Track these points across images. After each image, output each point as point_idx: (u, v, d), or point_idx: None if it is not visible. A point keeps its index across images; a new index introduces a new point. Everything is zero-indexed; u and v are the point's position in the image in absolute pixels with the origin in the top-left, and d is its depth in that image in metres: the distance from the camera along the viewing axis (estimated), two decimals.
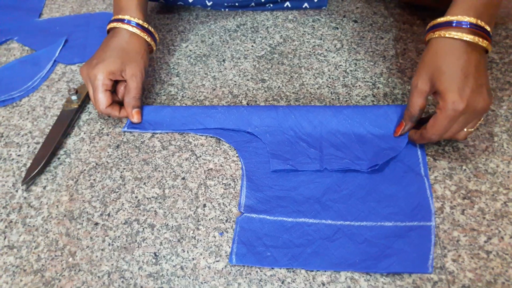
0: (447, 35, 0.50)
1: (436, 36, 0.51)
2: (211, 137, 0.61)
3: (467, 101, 0.48)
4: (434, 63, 0.50)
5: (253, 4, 0.80)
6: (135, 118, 0.61)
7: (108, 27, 0.64)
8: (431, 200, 0.51)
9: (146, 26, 0.63)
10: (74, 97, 0.65)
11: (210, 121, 0.61)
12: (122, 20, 0.62)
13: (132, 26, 0.62)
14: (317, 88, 0.66)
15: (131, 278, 0.47)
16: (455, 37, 0.49)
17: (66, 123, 0.62)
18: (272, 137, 0.59)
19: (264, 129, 0.59)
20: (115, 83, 0.61)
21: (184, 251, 0.49)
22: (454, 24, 0.50)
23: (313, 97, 0.65)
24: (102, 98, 0.59)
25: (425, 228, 0.49)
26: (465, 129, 0.52)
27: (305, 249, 0.48)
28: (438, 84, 0.49)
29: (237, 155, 0.58)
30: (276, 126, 0.60)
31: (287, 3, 0.81)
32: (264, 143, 0.58)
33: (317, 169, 0.55)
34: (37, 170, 0.57)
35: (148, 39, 0.63)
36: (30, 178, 0.56)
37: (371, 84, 0.67)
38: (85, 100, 0.67)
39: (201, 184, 0.56)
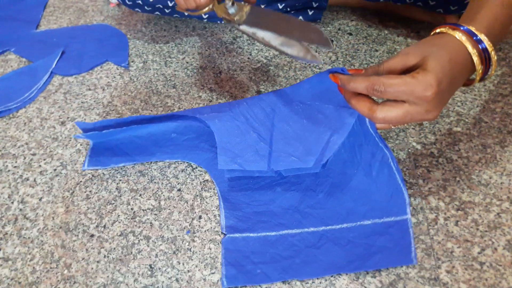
0: (454, 34, 0.46)
1: (444, 31, 0.47)
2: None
3: (435, 94, 0.43)
4: (434, 46, 0.46)
5: None
6: None
7: None
8: (404, 188, 0.52)
9: None
10: (231, 10, 0.56)
11: (162, 118, 0.60)
12: None
13: None
14: None
15: None
16: (459, 38, 0.46)
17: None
18: (221, 123, 0.56)
19: (214, 115, 0.57)
20: None
21: (179, 263, 0.49)
22: (463, 28, 0.47)
23: None
24: None
25: (402, 222, 0.50)
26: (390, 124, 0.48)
27: (293, 260, 0.49)
28: (428, 61, 0.44)
29: None
30: (226, 112, 0.57)
31: None
32: (213, 130, 0.56)
33: (264, 169, 0.54)
34: None
35: None
36: None
37: None
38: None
39: (197, 195, 0.56)
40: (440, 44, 0.46)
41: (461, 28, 0.47)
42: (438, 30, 0.49)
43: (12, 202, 0.57)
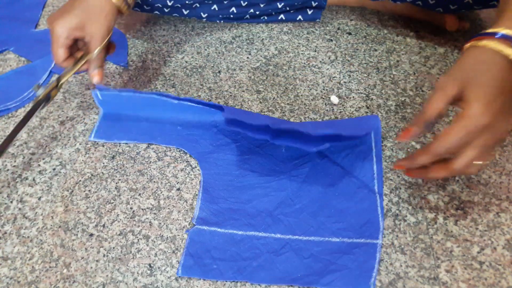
0: (489, 46, 0.44)
1: (478, 44, 0.45)
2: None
3: (493, 117, 0.42)
4: (469, 69, 0.44)
5: (247, 16, 0.81)
6: (95, 79, 0.60)
7: None
8: (382, 218, 0.52)
9: None
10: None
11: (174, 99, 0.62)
12: None
13: None
14: (312, 100, 0.67)
15: None
16: (496, 49, 0.44)
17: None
18: (233, 106, 0.60)
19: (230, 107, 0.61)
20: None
21: (178, 263, 0.49)
22: (497, 36, 0.44)
23: (308, 108, 0.66)
24: (58, 53, 0.59)
25: (371, 245, 0.49)
26: (475, 161, 0.45)
27: (251, 262, 0.49)
28: (468, 91, 0.43)
29: None
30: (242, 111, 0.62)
31: (282, 16, 0.82)
32: (223, 108, 0.59)
33: (266, 123, 0.53)
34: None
35: (115, 0, 0.60)
36: None
37: (364, 95, 0.67)
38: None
39: (196, 195, 0.56)
40: (477, 65, 0.44)
41: (496, 36, 0.44)
42: (468, 45, 0.46)
43: (11, 201, 0.57)
